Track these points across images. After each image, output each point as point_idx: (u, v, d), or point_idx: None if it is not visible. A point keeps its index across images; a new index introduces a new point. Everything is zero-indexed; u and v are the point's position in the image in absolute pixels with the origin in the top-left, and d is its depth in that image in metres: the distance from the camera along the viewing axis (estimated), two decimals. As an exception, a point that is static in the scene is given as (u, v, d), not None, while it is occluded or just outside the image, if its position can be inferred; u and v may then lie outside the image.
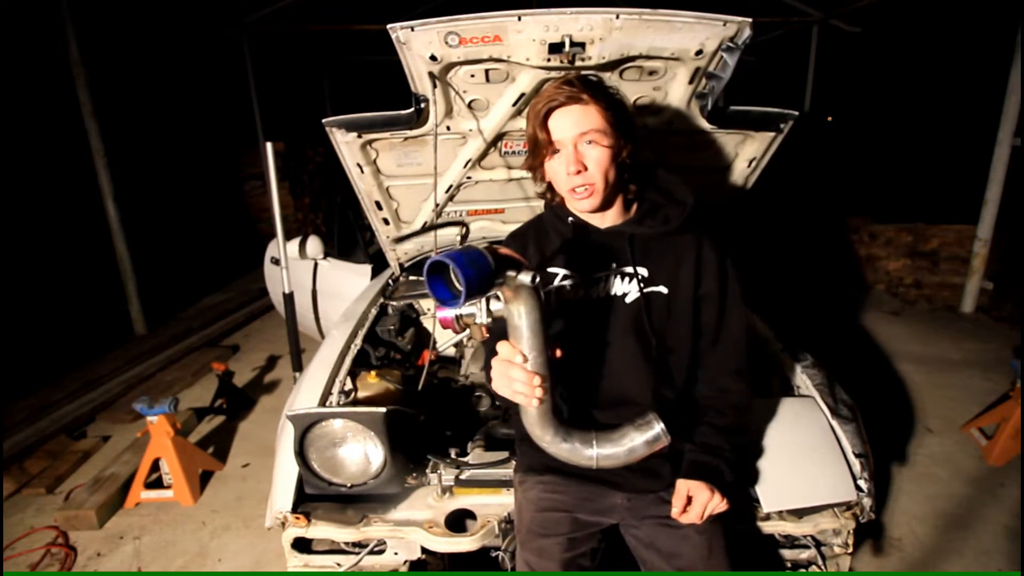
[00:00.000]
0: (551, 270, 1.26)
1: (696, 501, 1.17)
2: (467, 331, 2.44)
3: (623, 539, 1.32)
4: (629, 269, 1.23)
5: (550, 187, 1.25)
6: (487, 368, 1.28)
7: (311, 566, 1.56)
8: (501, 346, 1.00)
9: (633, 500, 1.28)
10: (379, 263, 2.89)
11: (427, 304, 2.57)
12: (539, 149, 1.15)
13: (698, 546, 1.20)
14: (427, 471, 1.60)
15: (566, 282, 1.24)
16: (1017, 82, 4.13)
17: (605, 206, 1.21)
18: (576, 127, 1.11)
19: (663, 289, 1.23)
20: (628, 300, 1.23)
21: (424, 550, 1.52)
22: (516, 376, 0.98)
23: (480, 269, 0.86)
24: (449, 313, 1.04)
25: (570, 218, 1.25)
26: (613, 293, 1.23)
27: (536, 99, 1.14)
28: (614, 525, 1.31)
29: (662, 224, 1.23)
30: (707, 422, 1.26)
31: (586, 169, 1.12)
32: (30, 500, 2.67)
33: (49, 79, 4.56)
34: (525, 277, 0.91)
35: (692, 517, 1.17)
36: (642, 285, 1.23)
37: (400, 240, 2.38)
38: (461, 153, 1.95)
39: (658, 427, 1.05)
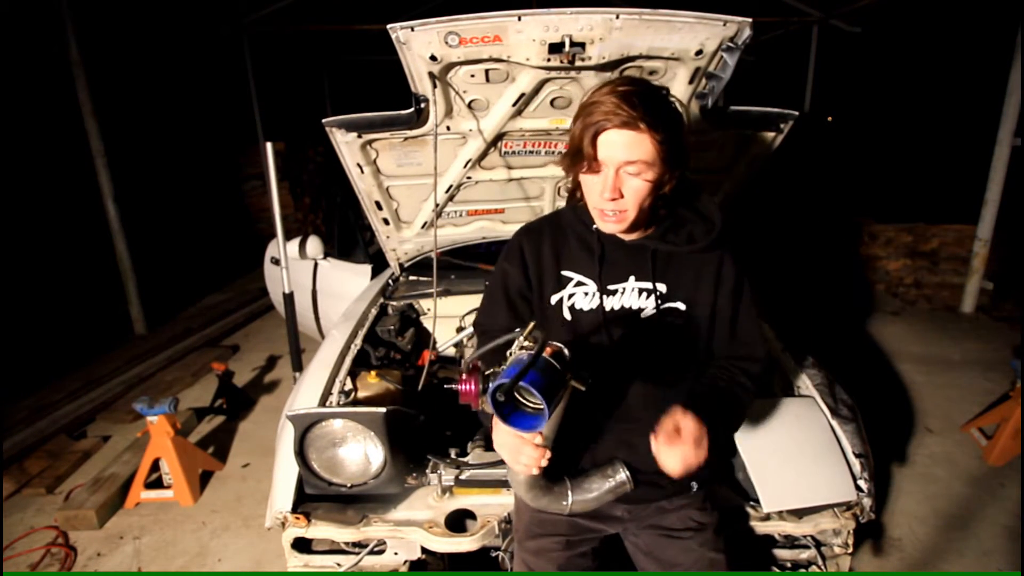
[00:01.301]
0: (565, 273, 1.22)
1: (684, 431, 1.05)
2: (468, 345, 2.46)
3: (623, 544, 1.32)
4: (647, 284, 1.19)
5: (578, 186, 1.18)
6: (481, 320, 1.33)
7: (311, 566, 1.56)
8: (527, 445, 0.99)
9: (633, 510, 1.26)
10: (379, 263, 2.89)
11: (427, 304, 2.57)
12: (580, 158, 1.07)
13: (698, 559, 1.20)
14: (427, 471, 1.60)
15: (580, 289, 1.21)
16: (1017, 82, 4.13)
17: (632, 229, 1.16)
18: (624, 154, 1.03)
19: (680, 306, 1.20)
20: (644, 315, 1.19)
21: (424, 550, 1.52)
22: (527, 452, 0.99)
23: (554, 382, 0.85)
24: (527, 429, 0.93)
25: (594, 225, 1.19)
26: (628, 307, 1.20)
27: (591, 104, 1.04)
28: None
29: (685, 242, 1.18)
30: (713, 379, 1.24)
31: (622, 197, 1.07)
32: (30, 500, 2.67)
33: (49, 79, 4.55)
34: (579, 384, 0.92)
35: (672, 450, 1.05)
36: (659, 301, 1.19)
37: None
38: (461, 153, 1.95)
39: (623, 474, 1.15)
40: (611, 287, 1.20)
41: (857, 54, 7.76)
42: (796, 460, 1.52)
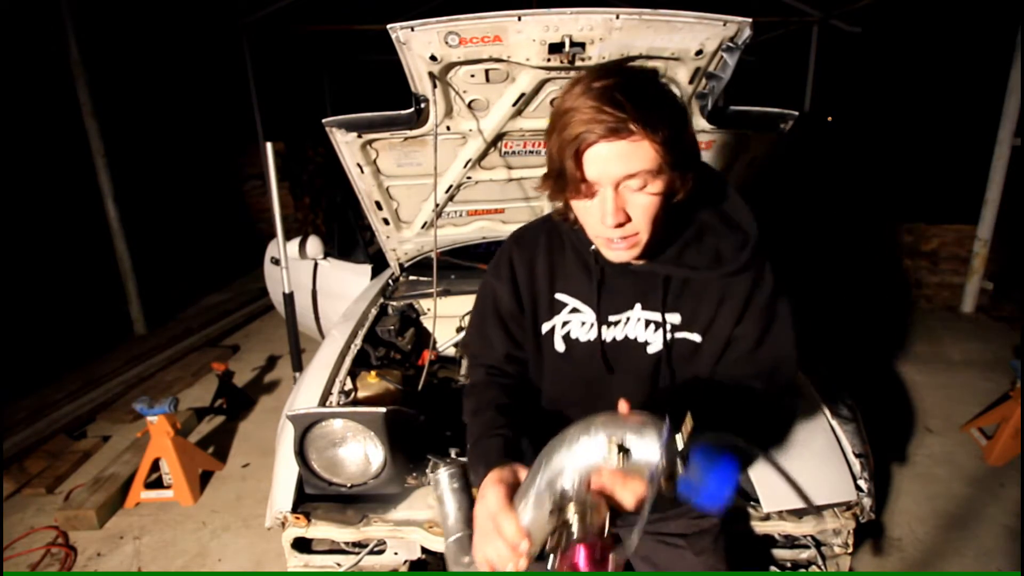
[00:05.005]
0: (559, 297, 1.05)
1: None
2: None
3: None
4: (656, 316, 0.99)
5: (571, 209, 0.94)
6: (474, 347, 1.14)
7: (311, 566, 1.56)
8: (505, 521, 0.75)
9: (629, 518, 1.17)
10: (379, 263, 2.89)
11: (427, 304, 2.57)
12: (564, 183, 0.85)
13: (695, 566, 1.17)
14: (427, 471, 1.60)
15: (576, 317, 1.04)
16: (1017, 82, 4.13)
17: (646, 252, 0.93)
18: (621, 168, 0.81)
19: (695, 337, 1.00)
20: (650, 351, 1.01)
21: (424, 550, 1.52)
22: (506, 557, 0.75)
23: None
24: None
25: (592, 247, 0.99)
26: (632, 338, 1.02)
27: (565, 113, 0.81)
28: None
29: (709, 264, 0.96)
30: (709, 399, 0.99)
31: (629, 220, 0.85)
32: (30, 500, 2.67)
33: (49, 79, 4.55)
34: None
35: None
36: (670, 335, 1.00)
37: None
38: (461, 153, 1.95)
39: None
40: (612, 318, 1.02)
41: (857, 54, 7.76)
42: (796, 460, 1.52)
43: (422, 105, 1.65)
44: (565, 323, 1.04)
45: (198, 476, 2.68)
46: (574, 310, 1.04)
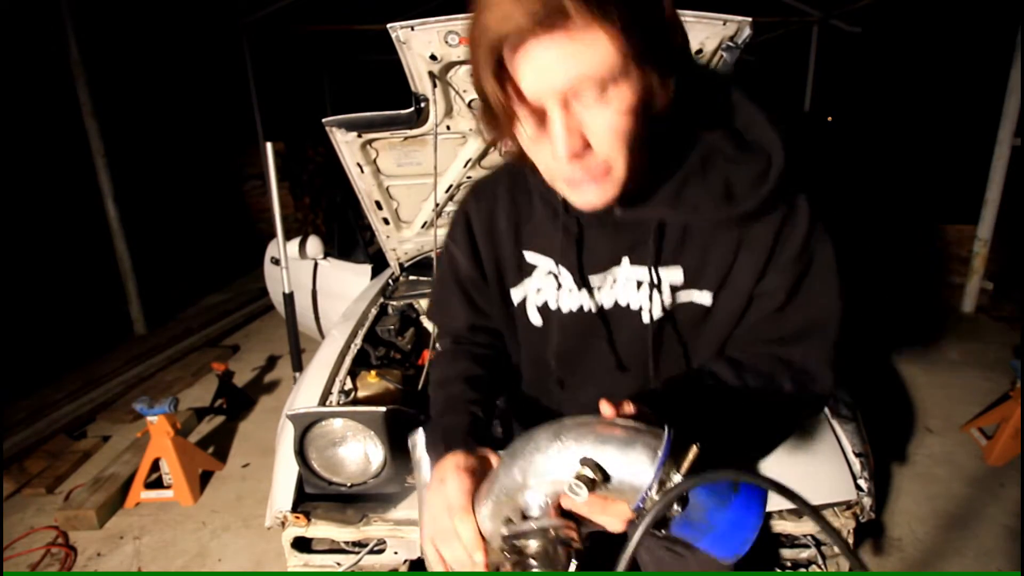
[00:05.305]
0: (529, 257, 0.83)
1: None
2: None
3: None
4: (645, 272, 0.76)
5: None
6: (437, 316, 0.99)
7: (311, 566, 1.56)
8: (463, 524, 0.63)
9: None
10: (379, 263, 2.89)
11: (427, 304, 2.58)
12: (496, 116, 0.62)
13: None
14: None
15: (550, 281, 0.82)
16: (1017, 82, 4.12)
17: (630, 192, 0.68)
18: (563, 74, 0.56)
19: (704, 298, 0.76)
20: (645, 318, 0.77)
21: (424, 550, 1.51)
22: (464, 564, 0.64)
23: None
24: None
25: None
26: (624, 304, 0.79)
27: (483, 9, 0.57)
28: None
29: (717, 204, 0.70)
30: (717, 373, 0.74)
31: (589, 148, 0.61)
32: (30, 500, 2.67)
33: (49, 79, 4.55)
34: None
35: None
36: (671, 297, 0.77)
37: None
38: (461, 153, 1.96)
39: None
40: (594, 279, 0.80)
41: (857, 54, 7.76)
42: (796, 460, 1.52)
43: (422, 105, 1.66)
44: (539, 289, 0.83)
45: (198, 476, 2.68)
46: (548, 273, 0.82)
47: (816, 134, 7.56)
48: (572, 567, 0.57)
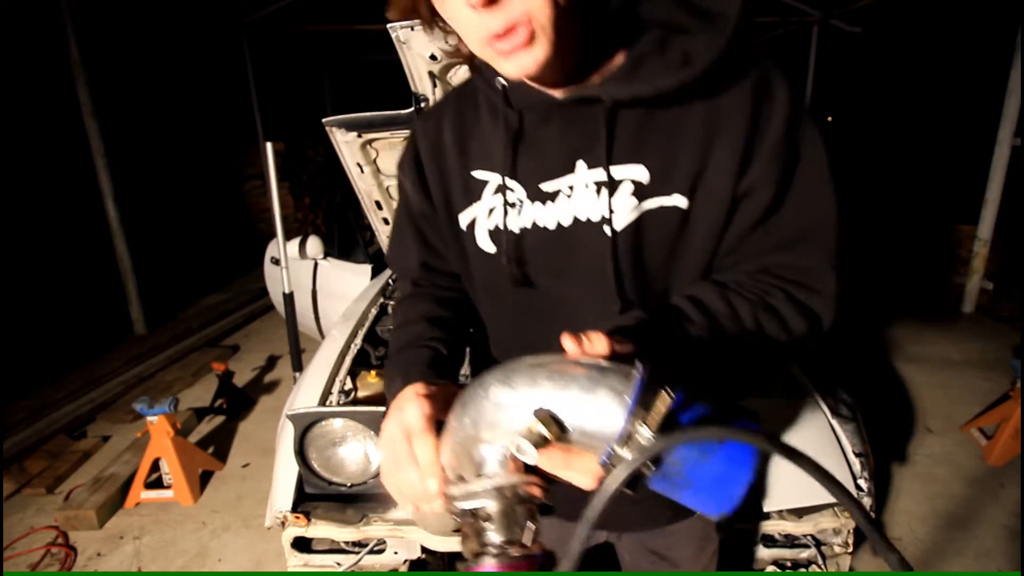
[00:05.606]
0: (477, 175, 0.73)
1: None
2: None
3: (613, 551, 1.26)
4: (602, 173, 0.64)
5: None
6: (392, 255, 0.88)
7: (311, 566, 1.56)
8: (422, 444, 0.55)
9: (625, 537, 0.97)
10: (379, 263, 2.89)
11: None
12: None
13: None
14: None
15: (499, 199, 0.71)
16: (1017, 82, 4.13)
17: (564, 59, 0.59)
18: None
19: (678, 201, 0.64)
20: (607, 229, 0.65)
21: (424, 549, 1.52)
22: (418, 492, 0.55)
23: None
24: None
25: (499, 79, 0.66)
26: (580, 218, 0.67)
27: None
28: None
29: (673, 70, 0.59)
30: (703, 292, 0.65)
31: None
32: (30, 500, 2.67)
33: (49, 79, 4.56)
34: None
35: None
36: (636, 199, 0.65)
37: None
38: (461, 153, 1.95)
39: None
40: (546, 187, 0.68)
41: (857, 54, 7.77)
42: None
43: (422, 104, 1.66)
44: (491, 211, 0.72)
45: (198, 476, 2.68)
46: (499, 189, 0.70)
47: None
48: (530, 528, 0.49)
